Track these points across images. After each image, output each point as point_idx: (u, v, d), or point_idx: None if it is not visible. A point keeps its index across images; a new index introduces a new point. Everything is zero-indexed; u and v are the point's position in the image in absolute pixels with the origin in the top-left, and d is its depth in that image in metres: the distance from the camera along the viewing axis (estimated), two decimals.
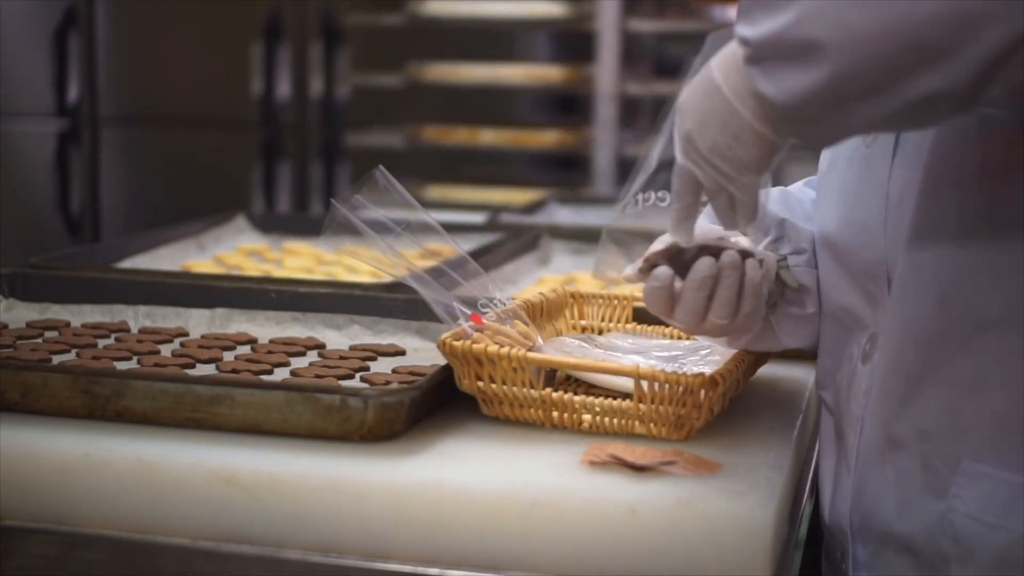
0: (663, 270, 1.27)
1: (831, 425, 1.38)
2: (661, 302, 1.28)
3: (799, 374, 1.56)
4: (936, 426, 1.23)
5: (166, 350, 1.54)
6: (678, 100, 1.18)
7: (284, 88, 3.90)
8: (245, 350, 1.56)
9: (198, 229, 2.33)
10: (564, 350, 1.39)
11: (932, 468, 1.23)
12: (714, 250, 1.29)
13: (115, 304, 1.71)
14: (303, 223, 2.50)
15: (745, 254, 1.30)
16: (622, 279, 1.32)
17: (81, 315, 1.70)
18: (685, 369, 1.35)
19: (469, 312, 1.34)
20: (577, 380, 1.40)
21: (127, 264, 2.08)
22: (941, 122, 1.19)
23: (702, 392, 1.25)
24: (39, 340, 1.57)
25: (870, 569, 1.30)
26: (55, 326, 1.64)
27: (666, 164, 1.25)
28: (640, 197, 1.31)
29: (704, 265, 1.27)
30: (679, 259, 1.28)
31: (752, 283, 1.29)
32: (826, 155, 1.40)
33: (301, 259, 2.24)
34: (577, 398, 1.29)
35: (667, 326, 1.57)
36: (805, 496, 1.38)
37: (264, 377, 1.43)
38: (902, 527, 1.26)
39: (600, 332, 1.57)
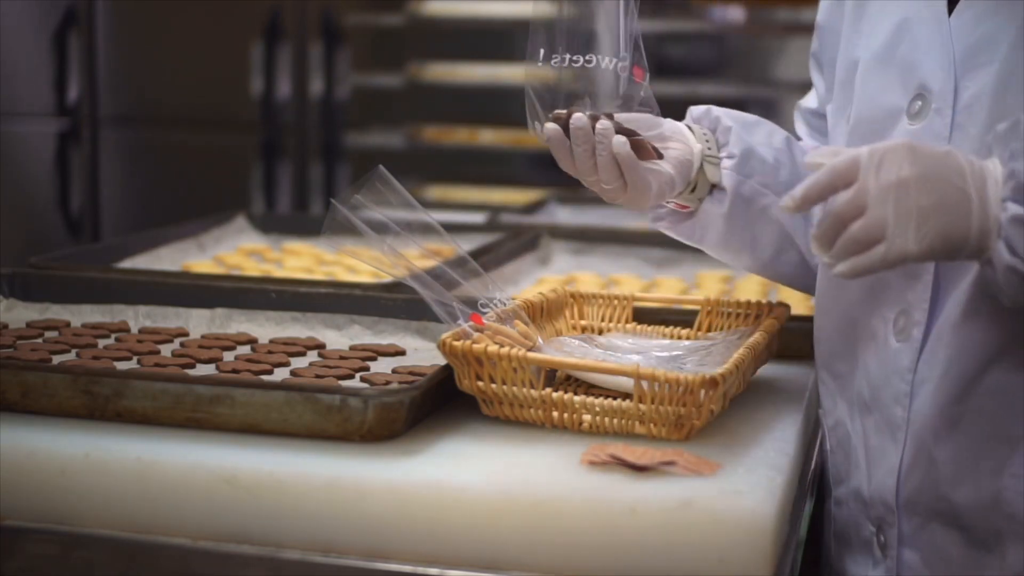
0: (550, 126, 1.35)
1: (841, 397, 1.39)
2: (560, 157, 1.37)
3: (799, 374, 1.56)
4: (996, 405, 1.25)
5: (166, 350, 1.54)
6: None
7: (284, 88, 3.90)
8: (245, 350, 1.56)
9: (198, 229, 2.33)
10: (564, 350, 1.39)
11: (989, 446, 1.26)
12: (624, 129, 1.36)
13: (115, 304, 1.71)
14: (303, 223, 2.50)
15: (626, 132, 1.35)
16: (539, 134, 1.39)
17: (81, 315, 1.70)
18: (685, 369, 1.35)
19: (469, 312, 1.34)
20: (577, 380, 1.40)
21: (127, 264, 2.08)
22: None
23: (702, 392, 1.25)
24: (39, 340, 1.57)
25: (913, 542, 1.32)
26: (55, 326, 1.64)
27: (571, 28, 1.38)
28: (555, 58, 1.38)
29: (575, 117, 1.34)
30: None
31: (621, 155, 1.33)
32: (839, 132, 1.42)
33: (301, 259, 2.24)
34: (577, 398, 1.29)
35: (667, 326, 1.57)
36: (806, 496, 1.38)
37: (264, 377, 1.43)
38: (955, 503, 1.28)
39: (600, 332, 1.57)
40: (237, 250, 2.29)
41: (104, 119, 3.98)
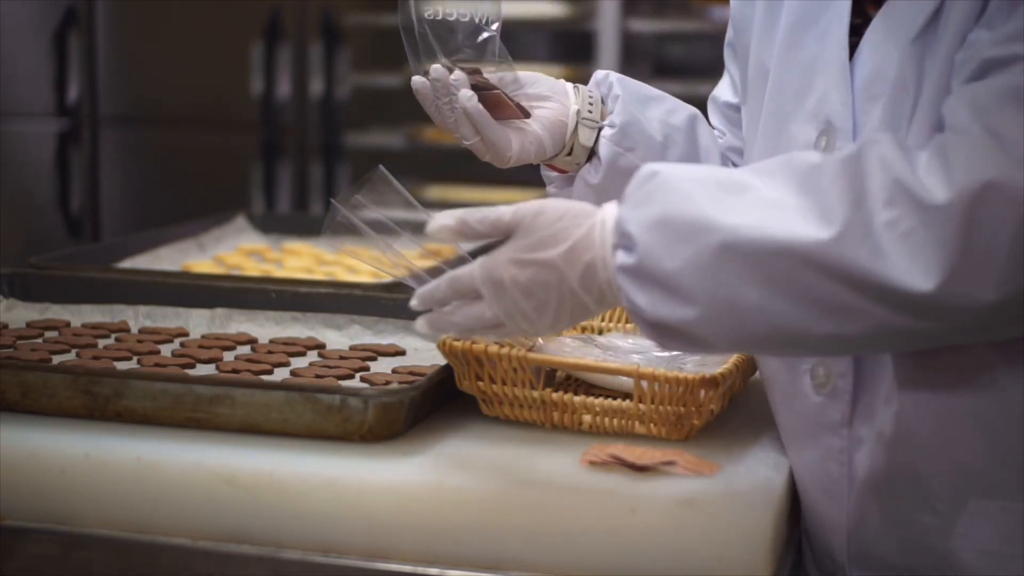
0: (416, 79, 1.36)
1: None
2: (429, 112, 1.38)
3: None
4: (938, 466, 1.18)
5: (166, 350, 1.54)
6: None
7: (284, 88, 3.90)
8: (245, 350, 1.56)
9: (198, 229, 2.33)
10: (564, 350, 1.39)
11: (935, 509, 1.19)
12: (481, 84, 1.36)
13: (115, 304, 1.71)
14: (303, 223, 2.50)
15: (484, 87, 1.35)
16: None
17: (81, 315, 1.70)
18: (685, 369, 1.35)
19: None
20: (577, 380, 1.40)
21: (127, 264, 2.08)
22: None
23: (702, 392, 1.25)
24: (39, 340, 1.57)
25: None
26: (55, 326, 1.64)
27: None
28: (429, 11, 1.37)
29: (433, 68, 1.35)
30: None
31: (468, 109, 1.34)
32: (755, 147, 1.35)
33: (301, 259, 2.24)
34: (577, 398, 1.29)
35: None
36: None
37: (264, 377, 1.43)
38: (907, 561, 1.22)
39: (600, 332, 1.57)
40: (237, 250, 2.29)
41: (104, 119, 3.98)
